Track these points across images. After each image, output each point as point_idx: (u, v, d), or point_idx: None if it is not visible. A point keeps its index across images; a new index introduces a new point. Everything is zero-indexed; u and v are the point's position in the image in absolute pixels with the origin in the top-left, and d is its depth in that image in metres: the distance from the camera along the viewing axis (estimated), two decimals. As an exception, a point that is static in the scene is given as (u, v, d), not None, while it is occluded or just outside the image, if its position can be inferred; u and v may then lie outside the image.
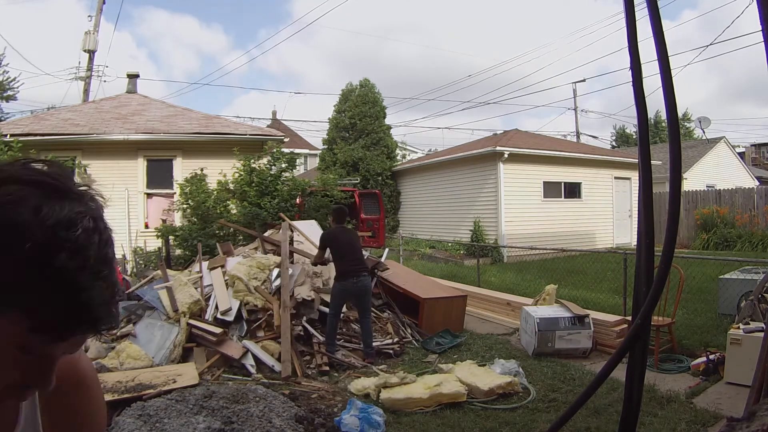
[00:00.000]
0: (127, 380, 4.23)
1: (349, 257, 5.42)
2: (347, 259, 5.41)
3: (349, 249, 5.46)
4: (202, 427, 3.32)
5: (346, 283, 5.36)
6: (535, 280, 9.84)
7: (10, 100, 20.26)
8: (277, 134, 12.18)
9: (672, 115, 1.54)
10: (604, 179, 16.00)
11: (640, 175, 1.72)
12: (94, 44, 16.80)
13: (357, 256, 5.52)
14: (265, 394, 3.94)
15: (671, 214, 1.49)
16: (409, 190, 19.17)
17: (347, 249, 5.44)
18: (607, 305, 7.16)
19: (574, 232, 14.98)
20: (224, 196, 10.12)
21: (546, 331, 5.45)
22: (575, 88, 27.00)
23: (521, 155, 14.22)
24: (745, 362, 4.17)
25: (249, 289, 5.81)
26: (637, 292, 1.77)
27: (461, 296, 6.84)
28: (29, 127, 10.98)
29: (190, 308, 5.62)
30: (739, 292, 6.09)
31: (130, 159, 11.00)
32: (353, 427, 3.56)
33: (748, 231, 14.18)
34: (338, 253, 5.49)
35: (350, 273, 5.35)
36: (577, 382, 4.67)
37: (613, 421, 3.69)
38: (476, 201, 14.80)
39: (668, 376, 4.82)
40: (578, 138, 27.33)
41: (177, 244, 9.80)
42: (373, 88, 20.93)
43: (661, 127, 33.05)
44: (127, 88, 14.87)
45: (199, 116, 12.99)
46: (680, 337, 5.65)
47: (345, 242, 5.49)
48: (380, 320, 6.39)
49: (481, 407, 4.14)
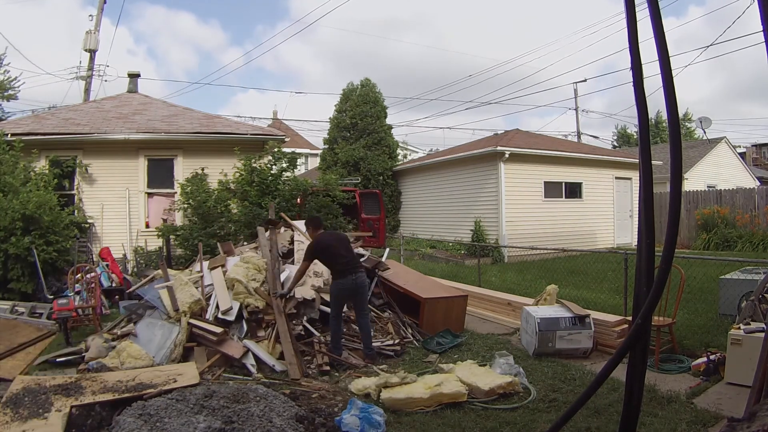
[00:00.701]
0: (127, 380, 4.23)
1: (341, 258, 5.43)
2: (339, 260, 5.42)
3: (338, 249, 5.46)
4: (202, 426, 3.32)
5: (344, 281, 5.37)
6: (535, 280, 9.84)
7: (11, 100, 20.22)
8: (278, 134, 12.18)
9: (673, 115, 1.54)
10: (604, 179, 16.00)
11: (641, 176, 1.72)
12: (95, 43, 16.82)
13: (347, 253, 5.52)
14: (265, 394, 3.94)
15: (672, 215, 1.49)
16: (410, 190, 19.17)
17: (336, 250, 5.45)
18: (607, 305, 7.15)
19: (575, 232, 14.98)
20: (225, 195, 10.13)
21: (547, 331, 5.45)
22: (576, 88, 27.05)
23: (522, 155, 14.22)
24: (745, 363, 4.17)
25: (249, 290, 5.81)
26: (638, 292, 1.78)
27: (462, 296, 6.84)
28: (30, 126, 10.99)
29: (191, 308, 5.62)
30: (739, 292, 6.08)
31: (131, 158, 11.01)
32: (354, 426, 3.56)
33: (748, 231, 14.16)
34: (329, 258, 5.52)
35: (346, 271, 5.38)
36: (577, 382, 4.66)
37: (614, 421, 3.69)
38: (477, 201, 14.80)
39: (669, 376, 4.81)
40: (579, 138, 27.34)
41: (178, 244, 9.82)
42: (374, 87, 20.92)
43: (662, 127, 33.03)
44: (128, 87, 14.88)
45: (200, 116, 13.00)
46: (681, 338, 5.65)
47: (332, 244, 5.50)
48: (381, 320, 6.39)
49: (482, 407, 4.13)
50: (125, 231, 10.70)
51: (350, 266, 5.42)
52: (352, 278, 5.36)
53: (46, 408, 3.68)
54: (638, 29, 1.69)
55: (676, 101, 1.52)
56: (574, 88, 27.11)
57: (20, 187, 8.66)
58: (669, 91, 1.49)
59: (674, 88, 1.51)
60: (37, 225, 8.27)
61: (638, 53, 1.63)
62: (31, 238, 8.10)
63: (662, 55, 1.48)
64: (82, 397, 3.85)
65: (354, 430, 3.55)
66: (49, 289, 8.00)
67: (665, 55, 1.49)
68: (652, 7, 1.53)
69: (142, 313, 5.93)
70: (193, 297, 5.74)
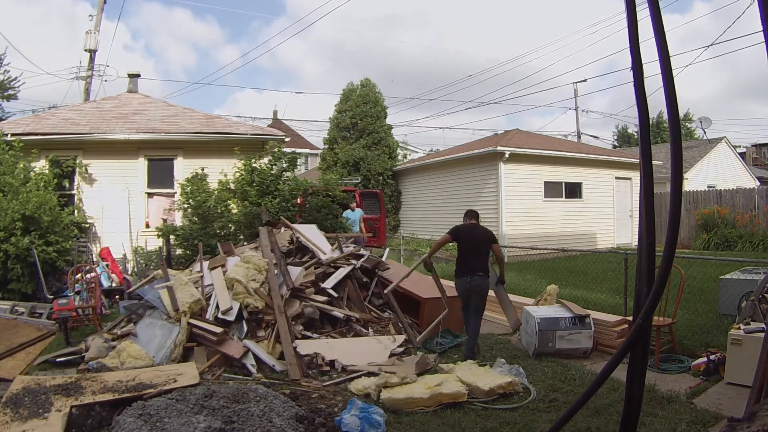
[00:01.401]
0: (127, 380, 4.23)
1: (471, 255, 5.55)
2: (468, 257, 5.56)
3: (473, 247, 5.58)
4: (202, 426, 3.32)
5: (460, 280, 5.55)
6: (536, 280, 9.84)
7: (11, 100, 20.22)
8: (278, 134, 12.17)
9: (673, 114, 1.54)
10: (605, 179, 16.00)
11: (641, 176, 1.72)
12: (95, 43, 16.81)
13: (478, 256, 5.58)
14: (265, 394, 3.94)
15: (672, 215, 1.49)
16: (410, 190, 19.16)
17: (471, 246, 5.58)
18: (607, 305, 7.15)
19: (575, 232, 14.98)
20: (225, 195, 10.13)
21: (547, 331, 5.45)
22: (576, 88, 27.04)
23: (522, 155, 14.22)
24: (745, 363, 4.17)
25: (248, 291, 5.81)
26: (638, 292, 1.77)
27: (462, 296, 6.82)
28: (30, 126, 10.98)
29: (191, 308, 5.62)
30: (739, 292, 6.08)
31: (131, 158, 11.00)
32: (354, 426, 3.56)
33: (748, 231, 14.16)
34: (462, 249, 5.67)
35: (464, 271, 5.53)
36: (577, 382, 4.66)
37: (614, 421, 3.69)
38: (477, 201, 14.79)
39: (669, 376, 4.81)
40: (579, 138, 27.34)
41: (178, 244, 9.81)
42: (374, 87, 20.93)
43: (662, 127, 33.02)
44: (128, 87, 14.86)
45: (200, 116, 12.99)
46: (681, 338, 5.65)
47: (471, 239, 5.61)
48: (381, 320, 6.39)
49: (482, 407, 4.13)
50: (125, 231, 10.69)
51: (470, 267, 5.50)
52: (467, 279, 5.49)
53: (46, 408, 3.68)
54: (639, 28, 1.69)
55: (677, 101, 1.52)
56: (574, 88, 27.11)
57: (20, 187, 8.65)
58: (669, 90, 1.49)
59: (675, 88, 1.51)
60: (36, 225, 8.26)
61: (639, 52, 1.63)
62: (31, 238, 8.10)
63: (663, 55, 1.48)
64: (82, 397, 3.85)
65: (354, 430, 3.54)
66: (49, 289, 7.99)
67: (666, 55, 1.49)
68: (653, 6, 1.53)
69: (142, 313, 5.93)
70: (193, 297, 5.73)
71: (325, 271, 6.74)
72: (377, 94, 20.82)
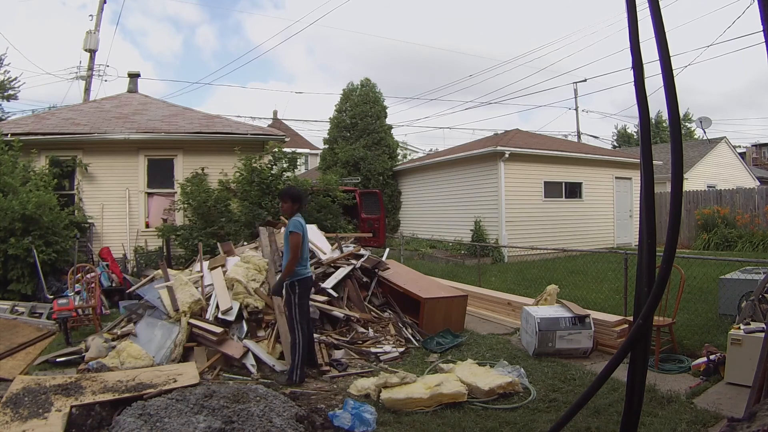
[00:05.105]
0: (127, 379, 4.23)
1: None
2: None
3: None
4: (202, 426, 3.32)
5: None
6: (535, 280, 9.84)
7: (11, 100, 20.24)
8: (278, 134, 12.17)
9: (673, 114, 1.54)
10: (605, 179, 16.00)
11: (642, 175, 1.72)
12: (95, 43, 16.82)
13: None
14: (265, 394, 3.94)
15: (673, 215, 1.49)
16: (410, 190, 19.16)
17: None
18: (607, 305, 7.15)
19: (575, 232, 14.98)
20: (225, 195, 10.13)
21: (547, 331, 5.44)
22: (576, 88, 27.05)
23: (522, 155, 14.22)
24: (745, 362, 4.17)
25: (248, 291, 5.81)
26: (639, 292, 1.77)
27: (462, 296, 6.83)
28: (30, 126, 10.99)
29: (191, 308, 5.62)
30: (739, 292, 6.08)
31: (131, 158, 11.00)
32: (345, 422, 3.69)
33: (748, 231, 14.16)
34: None
35: None
36: (577, 383, 4.66)
37: (614, 421, 3.69)
38: (477, 201, 14.80)
39: (669, 376, 4.81)
40: (579, 138, 27.34)
41: (178, 244, 9.82)
42: (374, 87, 20.92)
43: (662, 127, 33.03)
44: (128, 87, 14.88)
45: (199, 116, 12.99)
46: (681, 338, 5.65)
47: None
48: (381, 320, 6.39)
49: (482, 407, 4.13)
50: (125, 231, 10.69)
51: None
52: None
53: (46, 408, 3.68)
54: (639, 28, 1.69)
55: (677, 101, 1.52)
56: (574, 88, 27.11)
57: (20, 187, 8.65)
58: (670, 90, 1.49)
59: (675, 88, 1.51)
60: (36, 225, 8.26)
61: (639, 52, 1.63)
62: (31, 238, 8.09)
63: (663, 54, 1.48)
64: (82, 397, 3.85)
65: (345, 424, 3.67)
66: (49, 289, 7.99)
67: (666, 54, 1.49)
68: (653, 5, 1.53)
69: (142, 313, 5.93)
70: (193, 297, 5.73)
71: (325, 271, 6.74)
72: (377, 94, 20.82)
